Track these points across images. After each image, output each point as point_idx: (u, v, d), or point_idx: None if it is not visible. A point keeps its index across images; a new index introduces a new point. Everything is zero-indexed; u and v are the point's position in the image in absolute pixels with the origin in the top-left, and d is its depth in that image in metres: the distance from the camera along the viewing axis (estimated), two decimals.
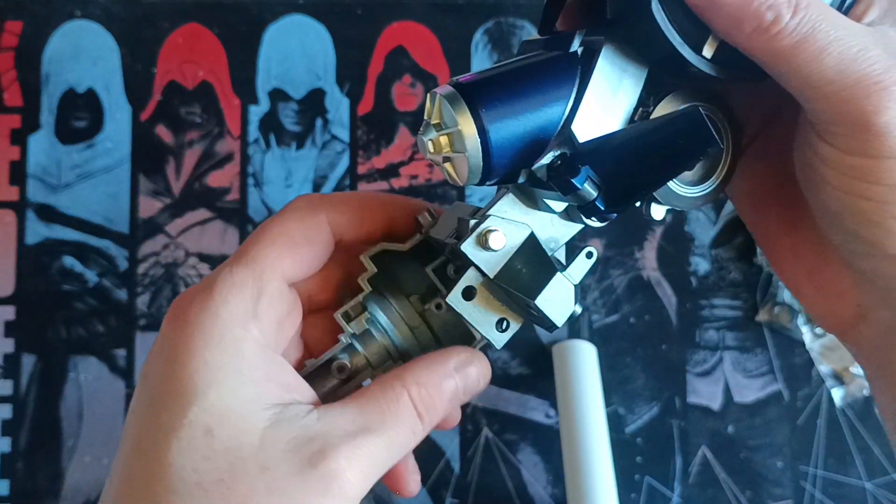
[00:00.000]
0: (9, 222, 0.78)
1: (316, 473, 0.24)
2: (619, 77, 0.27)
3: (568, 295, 0.28)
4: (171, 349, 0.26)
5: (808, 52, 0.23)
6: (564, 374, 0.74)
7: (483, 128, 0.26)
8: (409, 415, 0.27)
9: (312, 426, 0.25)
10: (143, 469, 0.24)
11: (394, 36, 0.80)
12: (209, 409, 0.24)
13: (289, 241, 0.28)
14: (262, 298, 0.27)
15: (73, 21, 0.80)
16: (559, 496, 0.75)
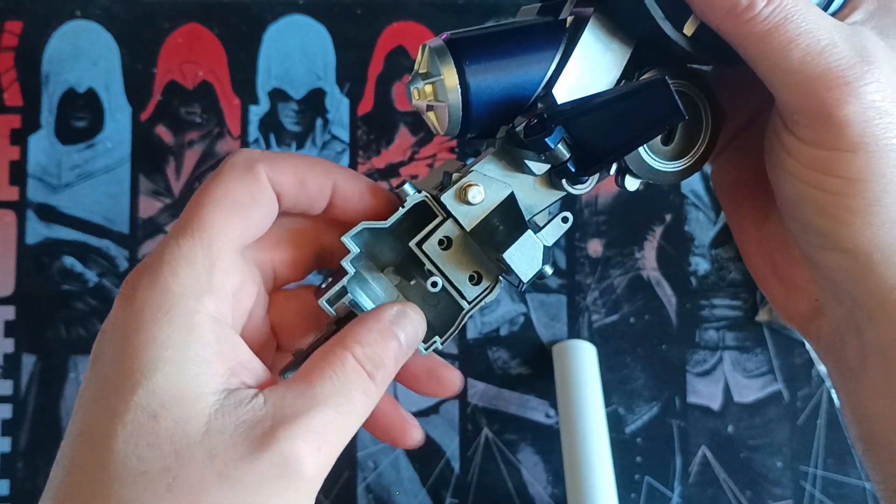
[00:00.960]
0: (9, 222, 0.78)
1: (267, 456, 0.23)
2: (605, 49, 0.28)
3: (537, 253, 0.28)
4: (119, 328, 0.25)
5: (777, 40, 0.24)
6: (564, 374, 0.74)
7: (465, 80, 0.27)
8: (357, 377, 0.26)
9: (260, 408, 0.24)
10: (88, 456, 0.24)
11: (394, 36, 0.80)
12: (155, 392, 0.23)
13: (233, 204, 0.27)
14: (214, 269, 0.26)
15: (73, 21, 0.80)
16: (559, 496, 0.75)
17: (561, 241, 0.79)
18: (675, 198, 0.79)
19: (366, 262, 0.31)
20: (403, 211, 0.29)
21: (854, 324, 0.27)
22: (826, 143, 0.24)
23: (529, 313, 0.77)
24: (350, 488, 0.75)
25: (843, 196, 0.24)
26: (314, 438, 0.24)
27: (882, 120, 0.23)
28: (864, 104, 0.23)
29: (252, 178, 0.27)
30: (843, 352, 0.28)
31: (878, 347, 0.26)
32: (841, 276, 0.26)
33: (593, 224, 0.78)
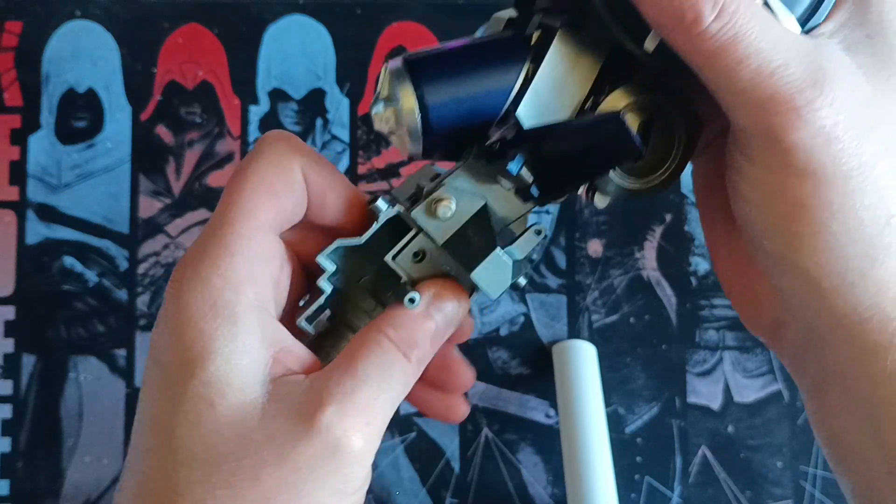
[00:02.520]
0: (9, 222, 0.78)
1: (320, 436, 0.24)
2: (573, 65, 0.27)
3: (505, 271, 0.28)
4: (171, 321, 0.26)
5: (727, 58, 0.23)
6: (564, 374, 0.74)
7: (424, 103, 0.26)
8: (393, 357, 0.27)
9: (308, 391, 0.25)
10: (157, 442, 0.25)
11: (394, 36, 0.80)
12: (210, 383, 0.24)
13: (270, 191, 0.27)
14: (253, 258, 0.26)
15: (73, 21, 0.80)
16: (559, 496, 0.75)
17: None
18: (675, 198, 0.79)
19: (342, 277, 0.31)
20: (377, 227, 0.29)
21: (812, 344, 0.27)
22: (774, 167, 0.23)
23: (529, 313, 0.77)
24: None
25: (790, 220, 0.24)
26: (361, 415, 0.25)
27: (832, 147, 0.23)
28: (812, 130, 0.23)
29: (287, 166, 0.28)
30: (805, 368, 0.28)
31: (835, 370, 0.26)
32: (794, 299, 0.26)
33: (593, 224, 0.78)
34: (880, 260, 0.24)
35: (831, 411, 0.27)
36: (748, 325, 0.31)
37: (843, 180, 0.23)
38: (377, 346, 0.27)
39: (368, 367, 0.26)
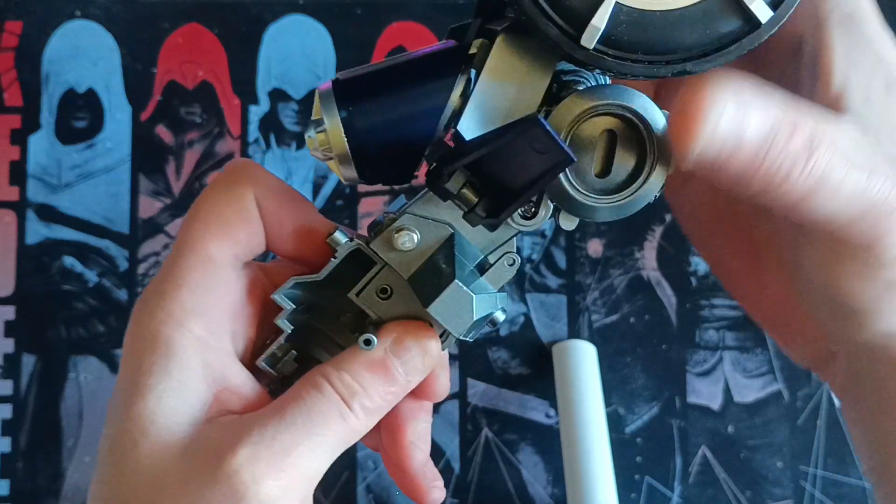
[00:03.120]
0: (9, 222, 0.78)
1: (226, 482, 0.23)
2: (520, 72, 0.24)
3: (466, 305, 0.25)
4: (125, 354, 0.25)
5: (821, 195, 0.21)
6: (564, 374, 0.74)
7: (351, 128, 0.24)
8: (329, 403, 0.25)
9: (228, 433, 0.24)
10: (100, 473, 0.25)
11: (394, 36, 0.80)
12: (136, 420, 0.24)
13: (220, 222, 0.26)
14: (201, 290, 0.25)
15: (73, 21, 0.80)
16: (559, 496, 0.75)
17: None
18: None
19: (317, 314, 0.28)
20: (335, 263, 0.27)
21: (874, 371, 0.26)
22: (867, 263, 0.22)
23: (529, 313, 0.77)
24: (350, 488, 0.75)
25: (884, 297, 0.23)
26: (276, 461, 0.23)
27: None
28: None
29: (239, 195, 0.26)
30: (861, 392, 0.27)
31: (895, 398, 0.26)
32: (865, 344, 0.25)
33: (593, 224, 0.78)
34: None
35: (889, 431, 0.26)
36: (794, 358, 0.29)
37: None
38: (314, 388, 0.25)
39: (298, 410, 0.24)
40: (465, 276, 0.26)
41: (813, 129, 0.20)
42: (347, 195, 0.78)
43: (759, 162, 0.21)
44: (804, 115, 0.21)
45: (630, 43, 0.22)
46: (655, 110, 0.24)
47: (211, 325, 0.25)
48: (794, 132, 0.20)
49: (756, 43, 0.23)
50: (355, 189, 0.79)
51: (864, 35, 0.23)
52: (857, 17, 0.23)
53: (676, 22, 0.22)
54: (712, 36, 0.22)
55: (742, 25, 0.22)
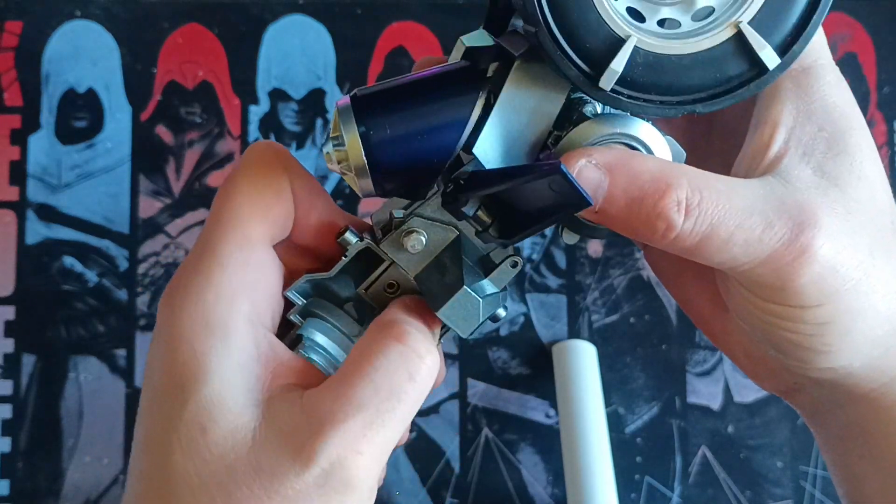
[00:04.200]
0: (9, 222, 0.78)
1: (310, 468, 0.23)
2: (534, 97, 0.26)
3: (474, 309, 0.26)
4: (165, 340, 0.25)
5: (713, 246, 0.23)
6: (564, 374, 0.74)
7: (368, 143, 0.25)
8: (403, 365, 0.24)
9: (300, 415, 0.24)
10: (153, 466, 0.24)
11: (394, 36, 0.80)
12: (203, 406, 0.23)
13: (261, 201, 0.26)
14: (248, 268, 0.25)
15: (73, 21, 0.80)
16: (559, 496, 0.75)
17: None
18: None
19: (322, 303, 0.29)
20: (345, 261, 0.28)
21: (837, 402, 0.28)
22: (789, 304, 0.24)
23: (529, 313, 0.77)
24: None
25: (816, 336, 0.25)
26: (354, 444, 0.23)
27: (837, 273, 0.24)
28: (816, 270, 0.23)
29: (277, 176, 0.27)
30: (829, 421, 0.29)
31: (864, 422, 0.27)
32: (821, 380, 0.27)
33: None
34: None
35: (855, 458, 0.28)
36: (759, 386, 0.31)
37: (855, 290, 0.24)
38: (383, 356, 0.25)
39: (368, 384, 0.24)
40: (471, 279, 0.27)
41: (690, 191, 0.23)
42: (348, 195, 0.78)
43: (633, 214, 0.24)
44: (681, 181, 0.23)
45: (644, 84, 0.24)
46: (658, 136, 0.25)
47: (256, 304, 0.25)
48: (665, 194, 0.23)
49: (763, 87, 0.24)
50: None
51: (817, 91, 0.25)
52: (812, 71, 0.25)
53: (689, 66, 0.24)
54: (722, 79, 0.24)
55: (750, 70, 0.24)
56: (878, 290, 0.24)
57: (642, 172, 0.24)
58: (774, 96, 0.25)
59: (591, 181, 0.24)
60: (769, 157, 0.25)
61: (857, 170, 0.25)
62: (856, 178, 0.24)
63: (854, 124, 0.25)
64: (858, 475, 0.28)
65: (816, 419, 0.30)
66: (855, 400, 0.27)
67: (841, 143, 0.25)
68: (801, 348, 0.25)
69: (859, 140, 0.25)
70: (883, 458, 0.27)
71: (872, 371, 0.26)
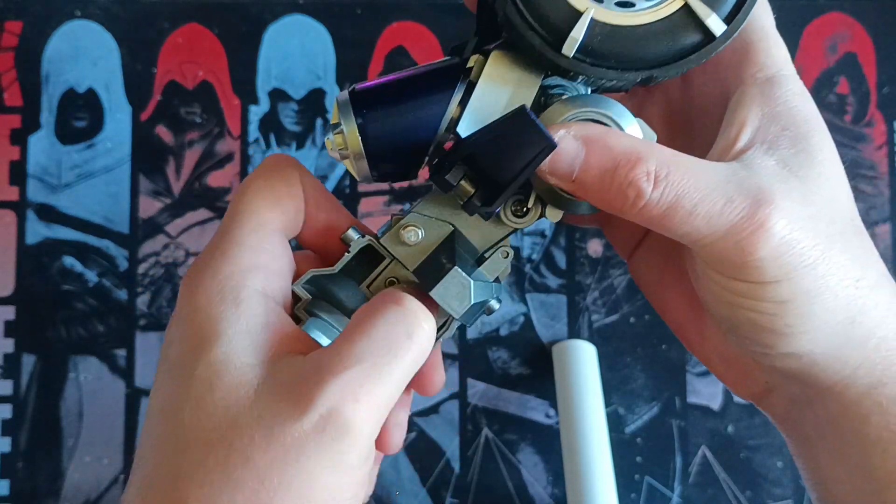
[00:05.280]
0: (9, 222, 0.78)
1: (308, 415, 0.24)
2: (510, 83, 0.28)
3: (465, 290, 0.28)
4: (183, 314, 0.27)
5: (678, 216, 0.25)
6: (564, 374, 0.74)
7: (364, 130, 0.28)
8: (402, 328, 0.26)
9: (301, 369, 0.25)
10: (165, 430, 0.25)
11: (394, 36, 0.80)
12: (211, 364, 0.25)
13: (274, 195, 0.29)
14: (261, 250, 0.27)
15: (73, 21, 0.80)
16: (559, 496, 0.75)
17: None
18: None
19: (326, 307, 0.31)
20: (349, 256, 0.30)
21: (807, 399, 0.29)
22: (749, 279, 0.25)
23: (529, 313, 0.77)
24: None
25: (777, 316, 0.26)
26: (352, 392, 0.24)
27: (794, 249, 0.25)
28: (773, 244, 0.25)
29: (289, 175, 0.29)
30: (800, 422, 0.30)
31: (831, 420, 0.28)
32: (787, 371, 0.28)
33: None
34: (858, 320, 0.26)
35: (827, 460, 0.29)
36: (735, 392, 0.32)
37: (812, 270, 0.25)
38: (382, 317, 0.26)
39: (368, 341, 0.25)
40: (464, 265, 0.29)
41: (659, 164, 0.25)
42: (348, 195, 0.79)
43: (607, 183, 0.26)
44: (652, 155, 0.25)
45: (604, 52, 0.26)
46: (630, 117, 0.28)
47: (269, 281, 0.27)
48: (636, 165, 0.25)
49: (713, 52, 0.27)
50: (355, 189, 0.79)
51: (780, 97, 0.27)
52: (776, 80, 0.27)
53: (643, 35, 0.26)
54: (675, 47, 0.26)
55: (700, 38, 0.26)
56: (835, 274, 0.26)
57: (616, 145, 0.26)
58: (741, 101, 0.28)
59: (569, 151, 0.26)
60: (736, 150, 0.27)
61: (818, 167, 0.26)
62: (815, 173, 0.26)
63: (816, 128, 0.27)
64: (830, 477, 0.29)
65: (789, 423, 0.31)
66: (823, 395, 0.28)
67: (803, 142, 0.27)
68: (763, 330, 0.26)
69: (820, 142, 0.27)
70: (851, 455, 0.28)
71: (835, 360, 0.27)
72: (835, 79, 0.79)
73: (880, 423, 0.27)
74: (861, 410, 0.27)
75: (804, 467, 0.31)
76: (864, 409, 0.27)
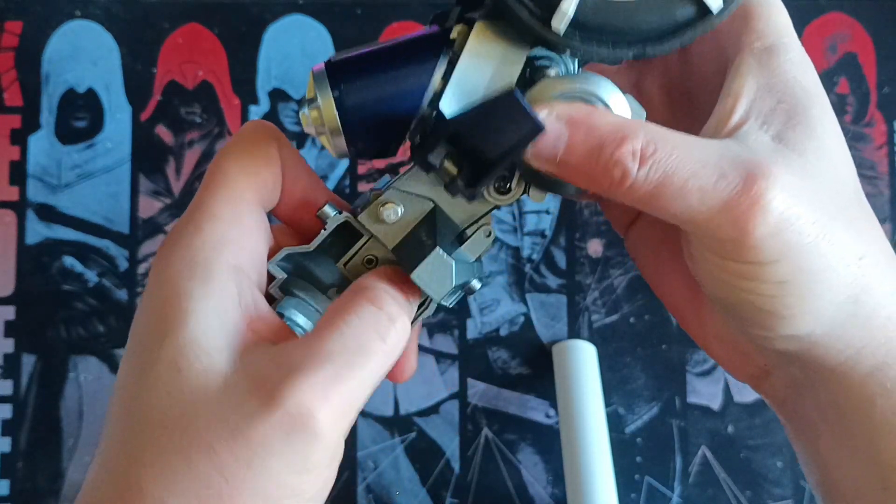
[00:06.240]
0: (9, 222, 0.78)
1: (275, 412, 0.23)
2: (495, 55, 0.27)
3: (446, 271, 0.27)
4: (152, 287, 0.26)
5: (667, 194, 0.24)
6: (564, 374, 0.74)
7: (342, 104, 0.27)
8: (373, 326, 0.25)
9: (272, 362, 0.24)
10: (122, 409, 0.24)
11: (394, 36, 0.80)
12: (178, 344, 0.24)
13: (249, 165, 0.27)
14: (236, 223, 0.26)
15: (73, 21, 0.80)
16: (559, 496, 0.75)
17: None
18: None
19: (303, 285, 0.30)
20: (325, 234, 0.29)
21: (808, 382, 0.28)
22: (748, 260, 0.24)
23: (529, 313, 0.77)
24: (350, 488, 0.75)
25: (776, 297, 0.25)
26: (321, 391, 0.23)
27: (793, 226, 0.24)
28: (771, 222, 0.23)
29: (265, 144, 0.28)
30: (800, 405, 0.29)
31: (834, 403, 0.27)
32: (787, 353, 0.27)
33: (593, 224, 0.78)
34: (862, 299, 0.25)
35: (828, 445, 0.28)
36: (734, 375, 0.31)
37: (814, 247, 0.24)
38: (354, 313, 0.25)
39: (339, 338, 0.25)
40: (445, 245, 0.27)
41: (645, 141, 0.24)
42: (347, 195, 0.78)
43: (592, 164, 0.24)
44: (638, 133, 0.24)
45: (595, 27, 0.25)
46: (617, 93, 0.26)
47: (242, 255, 0.26)
48: (622, 143, 0.24)
49: (708, 28, 0.25)
50: (355, 189, 0.79)
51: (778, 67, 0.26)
52: (775, 48, 0.26)
53: (636, 8, 0.25)
54: (669, 21, 0.25)
55: (696, 13, 0.25)
56: (837, 252, 0.24)
57: (601, 125, 0.25)
58: (738, 72, 0.26)
59: (551, 133, 0.25)
60: (730, 124, 0.25)
61: (818, 141, 0.25)
62: (815, 146, 0.25)
63: (815, 100, 0.26)
64: (830, 461, 0.28)
65: (788, 406, 0.30)
66: (825, 377, 0.27)
67: (801, 115, 0.25)
68: (763, 312, 0.25)
69: (821, 114, 0.26)
70: (854, 439, 0.27)
71: (837, 341, 0.26)
72: (835, 79, 0.79)
73: (885, 406, 0.26)
74: (865, 393, 0.26)
75: (803, 451, 0.30)
76: (869, 392, 0.26)
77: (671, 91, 0.32)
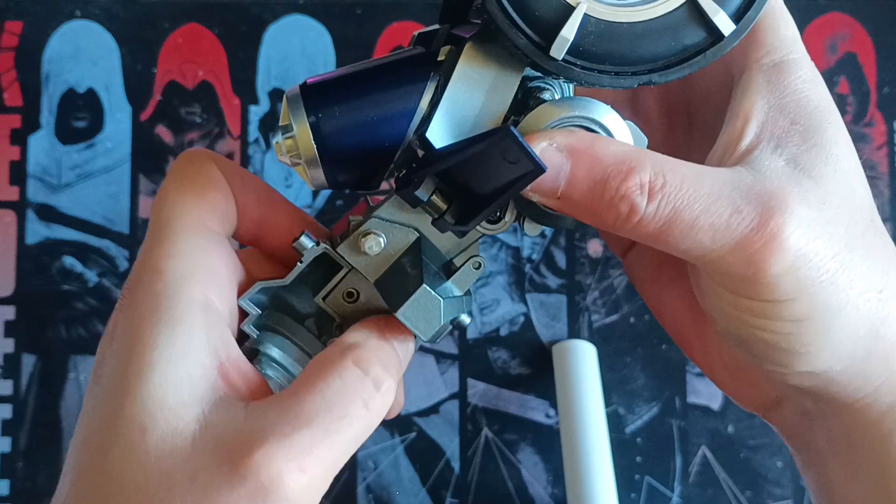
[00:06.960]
0: (9, 222, 0.78)
1: (246, 482, 0.21)
2: (488, 80, 0.25)
3: (434, 309, 0.25)
4: (117, 331, 0.24)
5: (677, 231, 0.22)
6: (564, 374, 0.74)
7: (319, 133, 0.24)
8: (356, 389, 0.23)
9: (242, 426, 0.22)
10: (89, 467, 0.23)
11: (394, 36, 0.80)
12: (145, 403, 0.22)
13: (194, 188, 0.25)
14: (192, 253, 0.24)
15: (73, 21, 0.80)
16: (559, 496, 0.75)
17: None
18: None
19: (279, 318, 0.28)
20: (301, 267, 0.26)
21: (821, 414, 0.27)
22: (763, 298, 0.23)
23: (529, 313, 0.77)
24: (350, 488, 0.75)
25: (793, 335, 0.24)
26: (297, 460, 0.22)
27: (811, 263, 0.23)
28: (788, 259, 0.22)
29: (201, 164, 0.26)
30: (811, 436, 0.28)
31: (846, 435, 0.26)
32: (801, 387, 0.26)
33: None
34: (882, 333, 0.24)
35: (838, 476, 0.27)
36: (739, 404, 0.30)
37: (832, 283, 0.23)
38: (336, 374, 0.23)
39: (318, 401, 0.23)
40: (432, 280, 0.25)
41: (654, 173, 0.22)
42: (348, 195, 0.78)
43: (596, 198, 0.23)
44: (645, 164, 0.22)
45: (598, 54, 0.23)
46: (622, 123, 0.25)
47: (210, 287, 0.24)
48: (629, 176, 0.22)
49: (719, 55, 0.23)
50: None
51: (789, 85, 0.24)
52: (785, 65, 0.25)
53: (643, 34, 0.23)
54: (677, 47, 0.23)
55: (706, 37, 0.23)
56: (856, 287, 0.23)
57: (605, 156, 0.23)
58: (747, 91, 0.25)
59: (553, 165, 0.23)
60: (741, 149, 0.24)
61: (833, 163, 0.24)
62: (831, 170, 0.24)
63: (829, 119, 0.24)
64: (841, 494, 0.27)
65: (799, 438, 0.29)
66: (840, 411, 0.26)
67: (816, 136, 0.24)
68: (778, 350, 0.24)
69: (835, 134, 0.24)
70: (867, 474, 0.26)
71: (856, 378, 0.25)
72: (835, 79, 0.79)
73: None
74: (882, 430, 0.25)
75: (813, 482, 0.29)
76: (886, 429, 0.25)
77: (670, 107, 0.30)
